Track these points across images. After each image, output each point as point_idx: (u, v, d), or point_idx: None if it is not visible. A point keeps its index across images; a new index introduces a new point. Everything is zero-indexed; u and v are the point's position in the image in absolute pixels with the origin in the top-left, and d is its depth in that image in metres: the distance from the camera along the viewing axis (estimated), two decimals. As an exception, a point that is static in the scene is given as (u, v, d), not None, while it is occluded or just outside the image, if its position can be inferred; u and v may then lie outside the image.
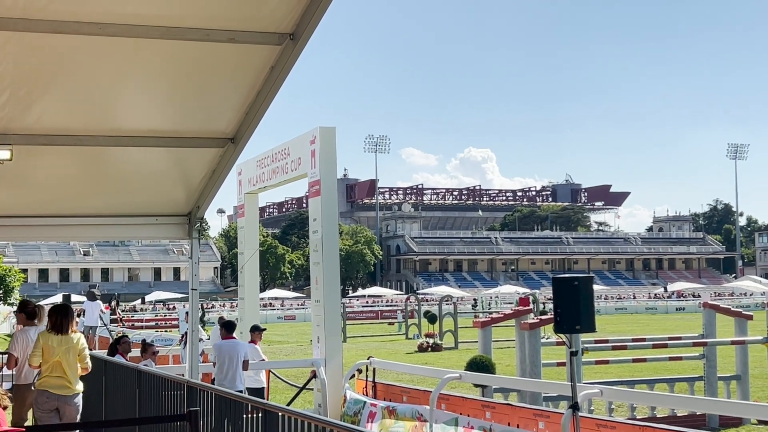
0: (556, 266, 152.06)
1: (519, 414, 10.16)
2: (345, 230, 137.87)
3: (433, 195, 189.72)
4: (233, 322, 14.37)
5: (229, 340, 13.16)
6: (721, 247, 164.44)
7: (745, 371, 16.65)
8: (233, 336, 13.38)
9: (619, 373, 21.38)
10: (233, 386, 12.35)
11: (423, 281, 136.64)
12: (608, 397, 11.48)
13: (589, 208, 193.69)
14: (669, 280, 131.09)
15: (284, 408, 5.90)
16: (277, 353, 34.98)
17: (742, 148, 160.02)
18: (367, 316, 71.48)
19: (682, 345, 16.93)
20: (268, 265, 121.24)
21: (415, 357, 33.30)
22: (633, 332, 39.63)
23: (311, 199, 13.87)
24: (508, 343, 27.28)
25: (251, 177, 16.50)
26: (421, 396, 11.91)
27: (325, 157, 13.38)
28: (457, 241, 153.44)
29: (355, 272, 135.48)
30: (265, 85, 6.75)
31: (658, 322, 59.50)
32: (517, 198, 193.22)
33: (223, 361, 12.72)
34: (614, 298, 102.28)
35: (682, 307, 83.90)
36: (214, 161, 8.31)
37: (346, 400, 13.11)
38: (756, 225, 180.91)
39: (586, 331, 8.38)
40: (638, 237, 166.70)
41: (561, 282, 8.42)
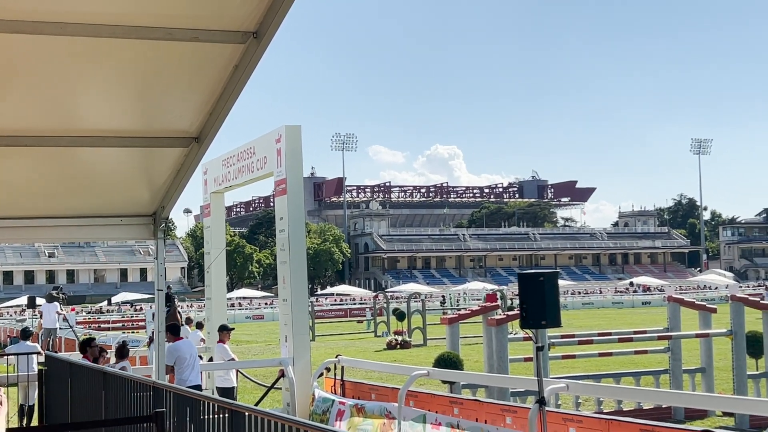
0: (523, 262, 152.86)
1: (486, 409, 10.21)
2: (313, 229, 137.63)
3: (400, 192, 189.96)
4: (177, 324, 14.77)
5: (183, 340, 13.81)
6: (685, 241, 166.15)
7: (710, 364, 16.85)
8: (181, 337, 13.98)
9: (585, 367, 21.56)
10: (196, 381, 13.17)
11: (391, 279, 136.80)
12: (575, 392, 11.59)
13: (555, 204, 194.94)
14: (635, 275, 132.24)
15: (251, 408, 5.88)
16: (246, 353, 34.87)
17: (705, 143, 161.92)
18: (336, 314, 71.41)
19: (647, 339, 17.08)
20: (236, 264, 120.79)
21: (383, 354, 33.34)
22: (599, 327, 39.96)
23: (277, 198, 13.84)
24: (476, 339, 27.38)
25: (217, 176, 16.43)
26: (390, 393, 11.93)
27: (290, 155, 13.36)
28: (425, 239, 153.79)
29: (324, 271, 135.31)
30: (229, 84, 6.72)
31: (625, 316, 59.99)
32: (484, 195, 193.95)
33: (188, 360, 13.22)
34: (581, 293, 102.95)
35: (647, 301, 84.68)
36: (179, 161, 8.26)
37: (315, 399, 13.10)
38: (720, 219, 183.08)
39: (552, 326, 8.45)
40: (604, 232, 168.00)
41: (526, 278, 8.47)
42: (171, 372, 13.10)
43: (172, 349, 13.30)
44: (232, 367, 15.82)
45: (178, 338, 13.69)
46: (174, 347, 13.34)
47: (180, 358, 13.21)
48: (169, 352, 13.34)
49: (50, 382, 13.62)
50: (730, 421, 15.48)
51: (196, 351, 13.93)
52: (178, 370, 13.17)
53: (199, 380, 13.45)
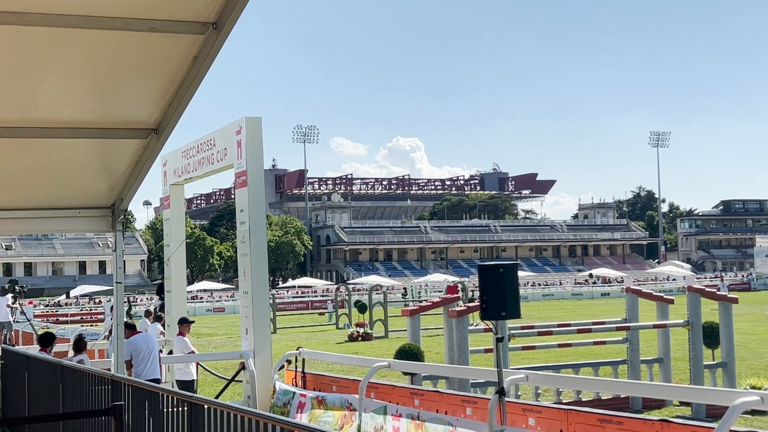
0: (484, 254, 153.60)
1: (447, 400, 10.26)
2: (274, 221, 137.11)
3: (362, 185, 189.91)
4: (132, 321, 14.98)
5: (140, 334, 13.88)
6: (644, 233, 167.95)
7: (667, 354, 17.05)
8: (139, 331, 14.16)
9: (545, 358, 21.76)
10: (152, 375, 13.11)
11: (353, 271, 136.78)
12: (534, 382, 11.68)
13: (516, 196, 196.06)
14: (594, 266, 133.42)
15: (211, 400, 5.86)
16: (206, 345, 34.70)
17: (663, 136, 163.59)
18: (297, 306, 71.33)
19: (606, 329, 17.25)
20: (196, 257, 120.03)
21: (345, 347, 33.36)
22: (559, 318, 40.29)
23: (238, 190, 13.77)
24: (437, 331, 27.49)
25: (176, 168, 16.30)
26: (351, 385, 11.94)
27: (251, 147, 13.30)
28: (387, 231, 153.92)
29: (285, 263, 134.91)
30: (189, 74, 6.67)
31: (584, 307, 60.55)
32: (446, 187, 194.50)
33: (144, 354, 13.27)
34: (541, 285, 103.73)
35: (606, 293, 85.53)
36: (138, 152, 8.19)
37: (276, 391, 13.08)
38: (678, 211, 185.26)
39: (512, 318, 8.49)
40: (564, 224, 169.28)
41: (486, 269, 8.51)
42: (129, 367, 13.04)
43: (128, 344, 13.25)
44: (192, 359, 15.74)
45: (134, 333, 13.65)
46: (129, 342, 13.27)
47: (135, 352, 13.20)
48: (125, 348, 13.31)
49: (7, 376, 13.47)
50: (686, 411, 15.69)
51: (156, 344, 13.82)
52: (135, 364, 13.14)
53: (156, 374, 13.35)
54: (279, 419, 5.11)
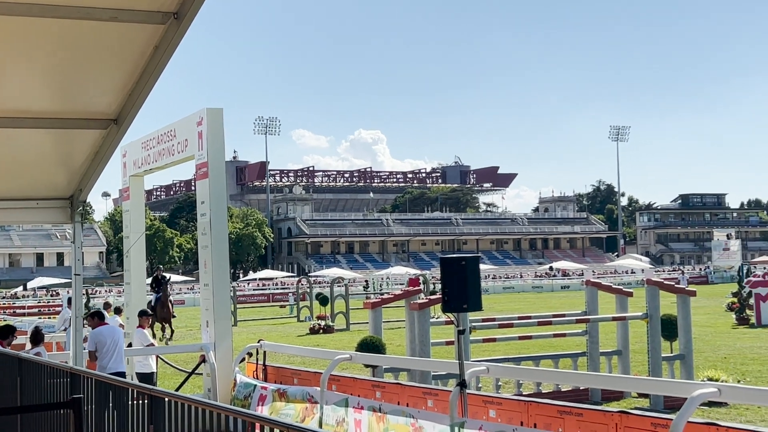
0: (446, 247, 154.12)
1: (408, 393, 10.28)
2: (235, 213, 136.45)
3: (324, 177, 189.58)
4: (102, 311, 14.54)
5: (106, 325, 13.49)
6: (603, 226, 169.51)
7: (626, 346, 17.22)
8: (106, 322, 13.73)
9: (506, 350, 21.89)
10: (117, 368, 12.77)
11: (315, 263, 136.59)
12: (495, 374, 11.72)
13: (477, 189, 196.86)
14: (554, 259, 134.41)
15: (171, 393, 5.82)
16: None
17: (623, 130, 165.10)
18: (258, 299, 71.09)
19: (566, 322, 17.38)
20: (156, 249, 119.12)
21: (306, 339, 33.32)
22: (519, 310, 40.54)
23: (199, 181, 13.68)
24: (399, 324, 27.56)
25: (136, 159, 16.15)
26: (312, 378, 11.93)
27: (212, 138, 13.21)
28: (349, 223, 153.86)
29: (246, 255, 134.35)
30: (149, 65, 6.61)
31: (544, 300, 61.02)
32: (408, 180, 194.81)
33: (108, 346, 12.94)
34: (502, 278, 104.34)
35: (566, 286, 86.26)
36: (97, 143, 8.11)
37: (236, 384, 13.03)
38: (637, 205, 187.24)
39: (473, 310, 8.54)
40: (525, 217, 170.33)
41: (448, 262, 8.54)
42: (94, 358, 12.90)
43: (93, 335, 13.12)
44: (152, 352, 15.64)
45: (102, 323, 13.42)
46: (95, 333, 13.13)
47: (100, 344, 12.97)
48: (90, 338, 13.16)
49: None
50: (645, 402, 15.87)
51: (121, 337, 13.56)
52: (99, 356, 12.95)
53: (121, 367, 13.10)
54: (240, 411, 5.09)
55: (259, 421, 4.73)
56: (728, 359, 22.18)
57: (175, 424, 5.51)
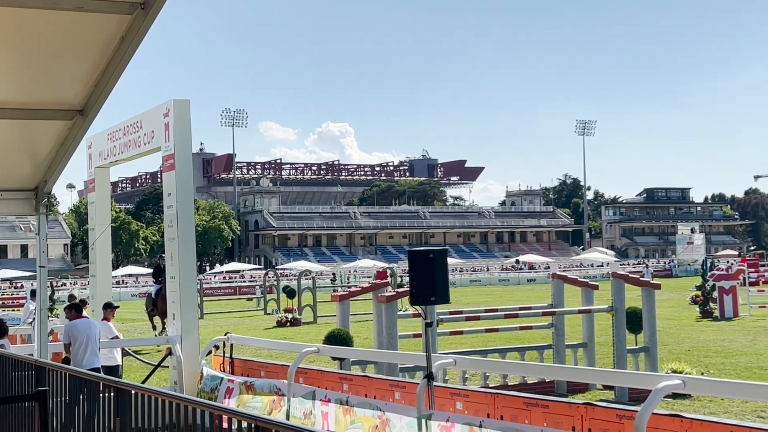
0: (413, 240, 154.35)
1: (376, 385, 10.30)
2: (202, 205, 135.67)
3: (291, 170, 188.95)
4: (80, 303, 14.32)
5: (82, 319, 13.16)
6: (569, 220, 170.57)
7: (591, 339, 17.36)
8: (84, 315, 13.39)
9: (472, 343, 21.97)
10: (92, 364, 12.51)
11: (282, 256, 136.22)
12: (462, 367, 11.80)
13: (445, 182, 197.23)
14: (521, 253, 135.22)
15: (137, 386, 5.79)
16: (132, 331, 34.27)
17: (589, 124, 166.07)
18: (225, 292, 70.84)
19: (532, 315, 17.49)
20: (122, 241, 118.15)
21: (273, 332, 33.26)
22: (486, 303, 40.72)
23: (165, 173, 13.60)
24: (367, 317, 27.58)
25: (102, 150, 16.02)
26: (279, 371, 11.91)
27: (179, 130, 13.13)
28: (316, 216, 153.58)
29: (213, 248, 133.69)
30: (116, 55, 6.56)
31: (511, 293, 61.37)
32: (376, 173, 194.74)
33: (81, 340, 12.68)
34: (469, 271, 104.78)
35: (533, 279, 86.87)
36: (62, 134, 8.03)
37: (203, 377, 12.98)
38: (602, 199, 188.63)
39: (441, 303, 8.58)
40: (492, 211, 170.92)
41: (416, 255, 8.56)
42: (68, 351, 12.69)
43: (67, 328, 12.93)
44: (118, 345, 15.53)
45: (79, 316, 13.14)
46: (69, 326, 12.92)
47: (73, 338, 12.67)
48: (65, 330, 12.99)
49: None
50: (610, 395, 16.01)
51: (97, 331, 13.12)
52: (72, 351, 12.68)
53: (96, 363, 12.69)
54: (207, 404, 5.08)
55: (226, 413, 4.72)
56: (692, 352, 22.44)
57: (142, 417, 5.49)
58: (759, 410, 13.83)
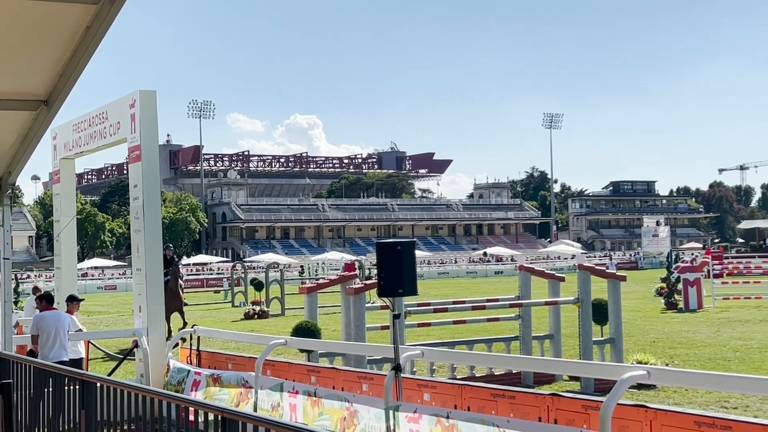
0: (381, 232, 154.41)
1: (343, 377, 10.31)
2: (168, 197, 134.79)
3: (259, 162, 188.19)
4: (51, 294, 14.17)
5: (51, 311, 13.02)
6: (537, 212, 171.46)
7: (558, 330, 17.47)
8: (54, 307, 13.24)
9: (440, 334, 22.02)
10: (60, 357, 12.34)
11: (250, 249, 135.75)
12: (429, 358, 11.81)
13: (413, 175, 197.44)
14: (488, 245, 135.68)
15: (103, 378, 5.75)
16: (98, 324, 34.01)
17: (556, 117, 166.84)
18: (192, 284, 70.33)
19: (499, 306, 17.55)
20: (87, 233, 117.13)
21: (241, 325, 33.14)
22: (454, 295, 40.84)
23: (131, 164, 13.50)
24: (335, 309, 27.57)
25: (67, 142, 15.86)
26: (247, 363, 11.89)
27: (145, 121, 13.03)
28: (284, 209, 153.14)
29: (180, 240, 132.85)
30: (81, 45, 6.49)
31: (478, 285, 61.60)
32: (344, 165, 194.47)
33: (50, 332, 12.53)
34: (437, 263, 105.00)
35: (500, 271, 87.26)
36: (26, 125, 7.94)
37: (170, 370, 12.92)
38: (569, 191, 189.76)
39: (408, 295, 8.59)
40: (460, 203, 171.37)
41: (384, 247, 8.57)
42: (36, 342, 12.56)
43: (36, 319, 12.78)
44: (83, 337, 15.40)
45: (49, 308, 12.96)
46: (37, 318, 12.76)
47: (41, 330, 12.52)
48: (33, 322, 12.84)
49: None
50: (576, 386, 16.13)
51: (65, 324, 12.94)
52: (40, 343, 12.54)
53: (63, 356, 12.45)
54: (173, 396, 5.06)
55: (193, 405, 4.71)
56: (657, 343, 22.67)
57: (107, 409, 5.45)
58: (722, 400, 14.00)
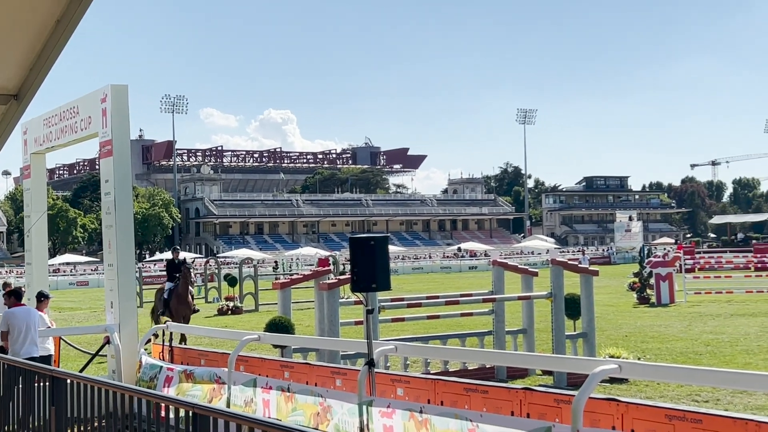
0: (356, 228, 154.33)
1: (317, 372, 10.29)
2: (141, 193, 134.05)
3: (233, 157, 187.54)
4: (20, 290, 14.04)
5: (21, 307, 12.97)
6: (510, 208, 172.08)
7: (531, 325, 17.54)
8: (23, 303, 13.17)
9: (414, 329, 22.10)
10: (31, 353, 12.28)
11: (223, 244, 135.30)
12: (403, 353, 11.85)
13: (387, 170, 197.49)
14: (463, 240, 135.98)
15: (73, 374, 5.71)
16: (69, 320, 33.77)
17: (530, 113, 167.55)
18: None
19: (473, 301, 17.59)
20: (59, 229, 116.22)
21: (215, 320, 33.04)
22: (428, 290, 40.92)
23: (103, 159, 13.40)
24: (309, 305, 27.54)
25: (38, 136, 15.71)
26: (220, 359, 11.84)
27: (117, 116, 12.94)
28: (258, 204, 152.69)
29: (153, 236, 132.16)
30: (51, 39, 6.42)
31: (452, 280, 61.78)
32: (318, 160, 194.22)
33: (20, 328, 12.49)
34: (411, 259, 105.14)
35: (474, 266, 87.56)
36: (-4, 119, 7.86)
37: (142, 366, 12.85)
38: (543, 187, 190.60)
39: (382, 290, 8.58)
40: (434, 199, 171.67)
41: (357, 242, 8.56)
42: (5, 339, 12.47)
43: (5, 316, 12.69)
44: (54, 333, 15.27)
45: (18, 304, 12.90)
46: (7, 314, 12.67)
47: (11, 326, 12.46)
48: (3, 318, 12.75)
49: None
50: (549, 380, 16.22)
51: (36, 320, 12.91)
52: (10, 340, 12.45)
53: (34, 353, 12.44)
54: (145, 392, 5.03)
55: (163, 401, 4.68)
56: (629, 337, 22.83)
57: (78, 406, 5.41)
58: (693, 394, 14.13)
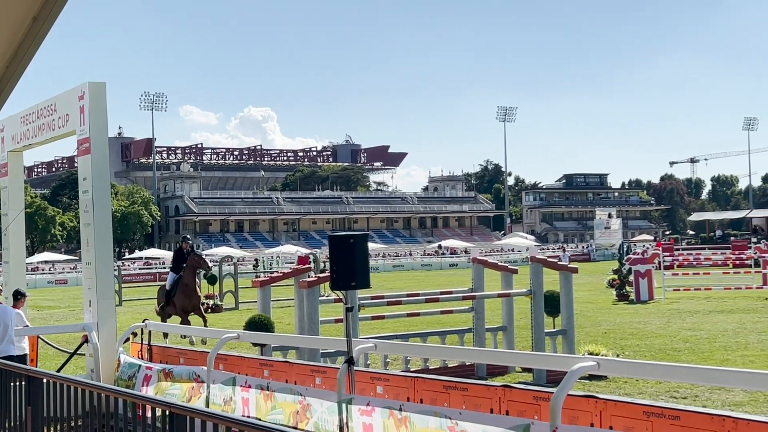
0: (336, 225, 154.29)
1: (297, 370, 10.27)
2: (120, 190, 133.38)
3: (213, 155, 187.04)
4: None
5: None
6: (491, 205, 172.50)
7: (511, 322, 17.58)
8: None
9: (394, 327, 22.09)
10: (8, 351, 12.28)
11: (204, 242, 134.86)
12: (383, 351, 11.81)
13: (368, 168, 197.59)
14: (443, 238, 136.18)
15: (50, 373, 5.67)
16: (48, 319, 33.56)
17: (510, 111, 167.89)
18: (144, 278, 69.73)
19: (453, 299, 17.60)
20: (37, 227, 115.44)
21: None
22: (408, 288, 40.99)
23: (80, 157, 13.33)
24: (289, 302, 27.49)
25: (15, 134, 15.61)
26: (199, 357, 11.80)
27: (94, 113, 12.86)
28: (238, 201, 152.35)
29: (132, 234, 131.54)
30: (28, 36, 6.38)
31: (433, 278, 61.84)
32: (299, 158, 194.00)
33: None
34: (392, 256, 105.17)
35: (454, 263, 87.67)
36: (-29, 116, 7.80)
37: (120, 365, 12.78)
38: (523, 184, 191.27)
39: (361, 288, 8.58)
40: (414, 196, 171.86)
41: (337, 240, 8.55)
42: None
43: None
44: (31, 332, 15.17)
45: None
46: None
47: None
48: None
49: None
50: (528, 377, 16.27)
51: (12, 318, 12.92)
52: None
53: (11, 350, 12.47)
54: (123, 392, 5.00)
55: (143, 400, 4.66)
56: (608, 334, 22.94)
57: (55, 405, 5.37)
58: (672, 390, 14.21)
